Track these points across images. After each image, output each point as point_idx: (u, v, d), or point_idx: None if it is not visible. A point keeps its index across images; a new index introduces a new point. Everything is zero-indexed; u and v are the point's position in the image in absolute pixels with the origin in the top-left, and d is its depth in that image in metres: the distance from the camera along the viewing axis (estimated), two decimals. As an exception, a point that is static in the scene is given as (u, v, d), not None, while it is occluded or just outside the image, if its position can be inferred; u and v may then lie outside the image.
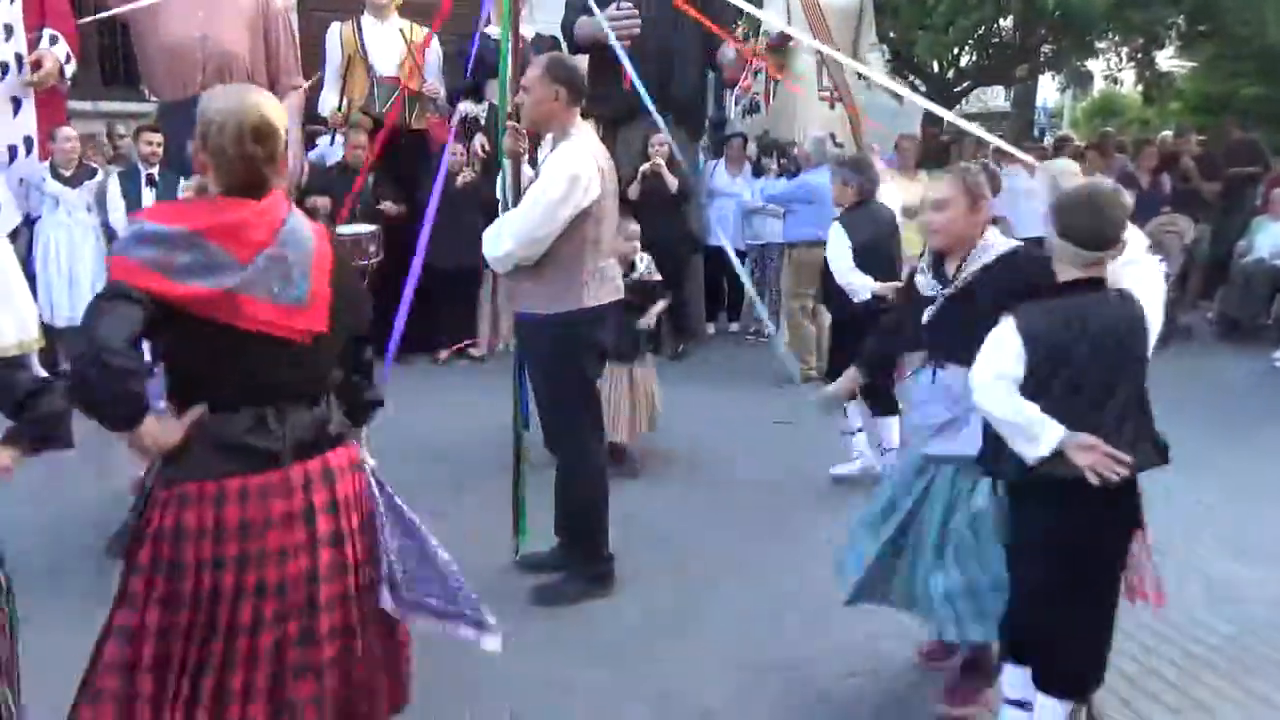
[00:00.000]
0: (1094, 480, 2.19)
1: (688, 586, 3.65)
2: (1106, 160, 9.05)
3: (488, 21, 6.87)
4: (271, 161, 1.95)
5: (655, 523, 4.18)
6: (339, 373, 2.09)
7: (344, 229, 6.28)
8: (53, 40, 6.40)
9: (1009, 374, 2.28)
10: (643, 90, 3.82)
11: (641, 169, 7.04)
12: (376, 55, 7.03)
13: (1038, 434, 2.23)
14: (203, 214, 1.88)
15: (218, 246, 1.82)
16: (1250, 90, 12.70)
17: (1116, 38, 10.67)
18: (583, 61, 7.22)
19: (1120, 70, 12.65)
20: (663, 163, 6.99)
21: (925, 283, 2.87)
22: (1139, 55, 11.33)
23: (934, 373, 2.81)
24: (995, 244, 2.75)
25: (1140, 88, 12.69)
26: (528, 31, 7.36)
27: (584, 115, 3.47)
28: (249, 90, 2.03)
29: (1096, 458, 2.19)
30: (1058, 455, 2.22)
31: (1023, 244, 2.85)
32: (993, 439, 2.37)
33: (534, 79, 3.31)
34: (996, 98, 19.98)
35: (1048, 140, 12.26)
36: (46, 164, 6.36)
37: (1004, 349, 2.30)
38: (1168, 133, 10.76)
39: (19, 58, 6.33)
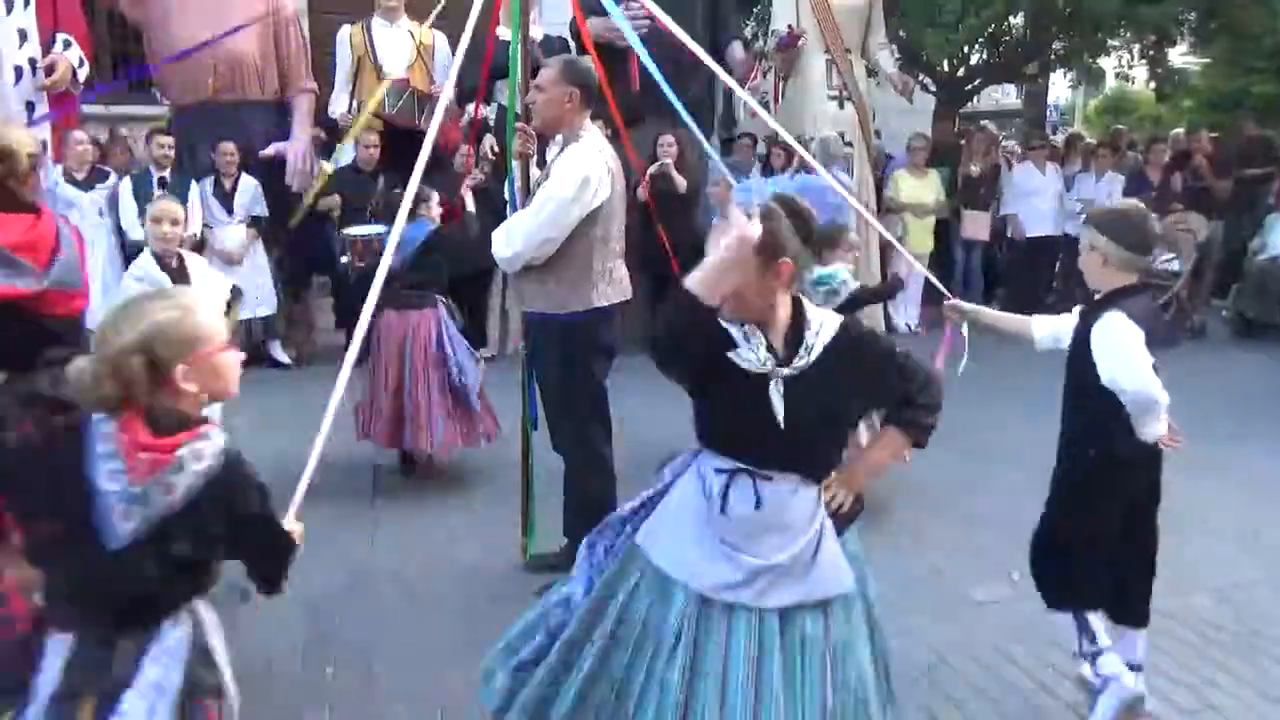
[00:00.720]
0: (1172, 446, 2.68)
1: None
2: (1118, 158, 9.01)
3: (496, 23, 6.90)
4: (13, 176, 2.39)
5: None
6: None
7: (355, 230, 6.30)
8: (66, 44, 6.46)
9: (1148, 358, 2.52)
10: (662, 81, 3.78)
11: (649, 170, 7.04)
12: (386, 57, 7.05)
13: (1161, 413, 2.59)
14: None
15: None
16: (1263, 87, 12.62)
17: (1128, 34, 10.61)
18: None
19: (1132, 67, 12.57)
20: (670, 164, 6.99)
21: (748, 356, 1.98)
22: (1151, 52, 11.26)
23: (755, 488, 1.98)
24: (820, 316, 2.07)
25: (1152, 85, 12.62)
26: (536, 33, 7.37)
27: (594, 118, 3.48)
28: None
29: (1167, 433, 2.65)
30: None
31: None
32: (1107, 417, 2.57)
33: (549, 80, 3.32)
34: (1008, 96, 19.92)
35: (1059, 137, 12.23)
36: (59, 167, 6.41)
37: (1134, 337, 2.51)
38: (1180, 130, 10.70)
39: (33, 62, 6.39)
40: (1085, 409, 2.64)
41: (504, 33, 7.24)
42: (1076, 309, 2.76)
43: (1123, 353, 2.52)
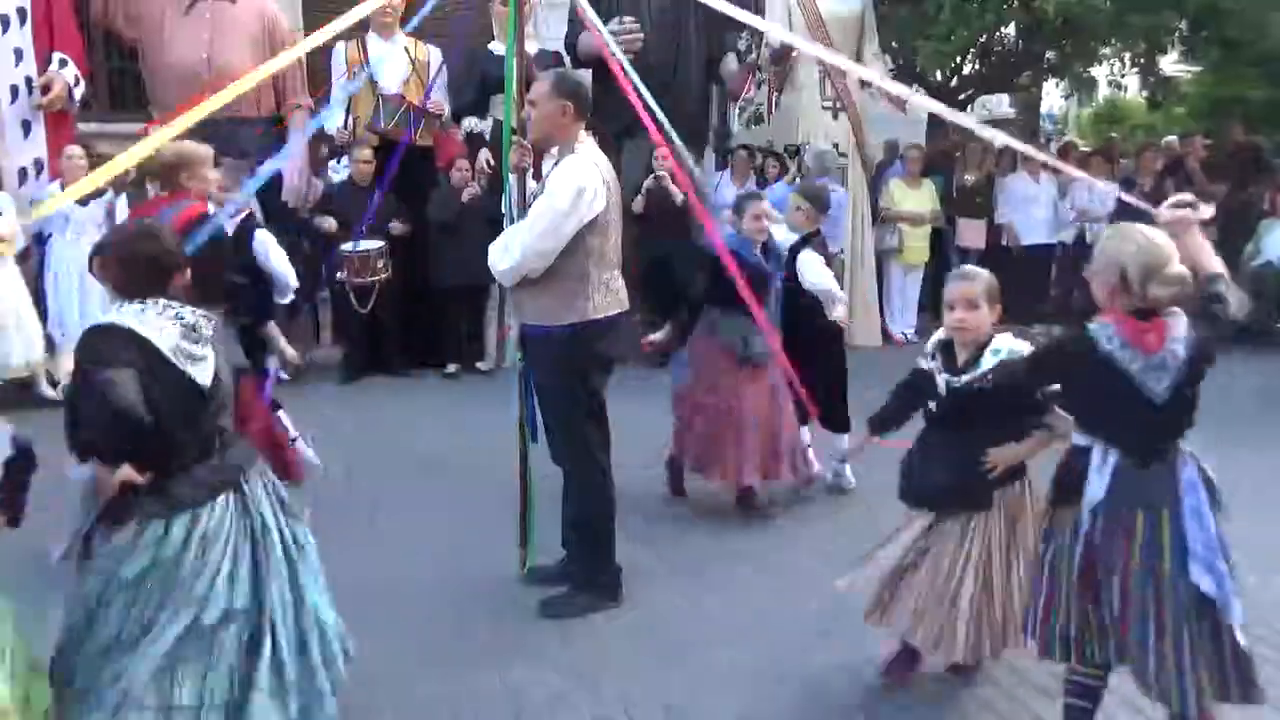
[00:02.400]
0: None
1: (697, 598, 3.65)
2: (1111, 166, 9.05)
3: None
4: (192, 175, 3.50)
5: (663, 533, 4.18)
6: None
7: (351, 245, 6.33)
8: (62, 63, 6.49)
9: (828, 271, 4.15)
10: (650, 99, 3.83)
11: (646, 183, 7.06)
12: (382, 73, 7.08)
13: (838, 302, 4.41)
14: None
15: None
16: (1255, 94, 12.68)
17: (1119, 44, 10.67)
18: (586, 75, 7.26)
19: (1124, 76, 12.64)
20: (667, 175, 7.02)
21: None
22: (1142, 61, 11.32)
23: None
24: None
25: (1144, 93, 12.68)
26: (531, 47, 7.41)
27: (587, 129, 3.50)
28: None
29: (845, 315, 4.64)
30: None
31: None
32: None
33: (541, 93, 3.34)
34: (1001, 105, 20.00)
35: (1053, 147, 12.28)
36: (56, 184, 6.43)
37: (819, 260, 4.52)
38: (1173, 137, 10.75)
39: (29, 81, 6.42)
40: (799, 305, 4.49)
41: (498, 47, 7.30)
42: None
43: (817, 269, 4.45)
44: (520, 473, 3.77)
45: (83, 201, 6.37)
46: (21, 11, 6.37)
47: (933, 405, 2.89)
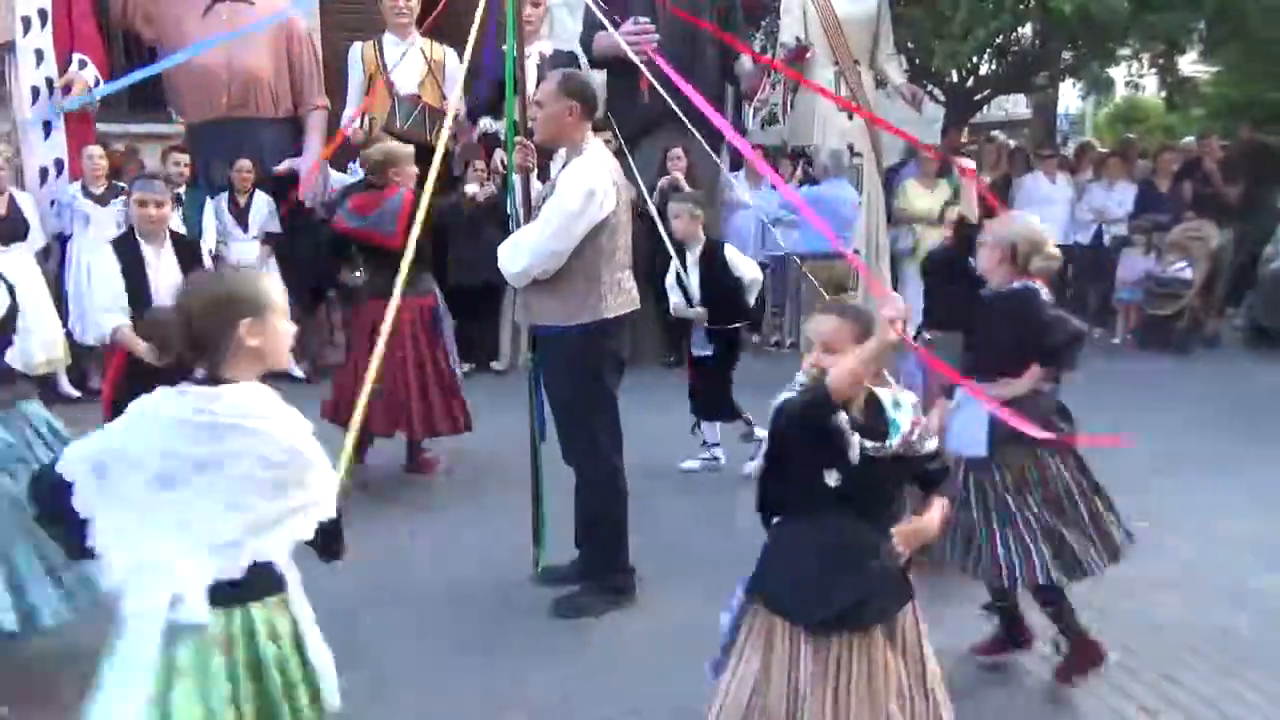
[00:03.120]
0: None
1: (706, 598, 3.64)
2: (1128, 167, 8.99)
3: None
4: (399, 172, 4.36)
5: (673, 533, 4.18)
6: None
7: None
8: (81, 64, 6.55)
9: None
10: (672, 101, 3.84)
11: (660, 183, 7.06)
12: (397, 73, 7.12)
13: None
14: None
15: None
16: (1275, 94, 12.56)
17: (1137, 44, 10.59)
18: (601, 76, 7.27)
19: (1142, 76, 12.53)
20: (680, 176, 7.02)
21: None
22: (1160, 61, 11.23)
23: None
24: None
25: (1163, 93, 12.58)
26: (545, 47, 7.42)
27: (600, 129, 3.50)
28: None
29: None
30: None
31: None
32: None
33: (548, 94, 3.35)
34: (1018, 105, 19.86)
35: (1070, 148, 12.20)
36: (77, 183, 6.49)
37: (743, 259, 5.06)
38: (1190, 138, 10.66)
39: (49, 82, 6.49)
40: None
41: (513, 48, 7.31)
42: None
43: (744, 259, 4.88)
44: (532, 472, 3.78)
45: (103, 200, 6.44)
46: (43, 13, 6.44)
47: (833, 479, 2.09)
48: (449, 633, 3.38)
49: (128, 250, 3.85)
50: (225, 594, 1.75)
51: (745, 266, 5.07)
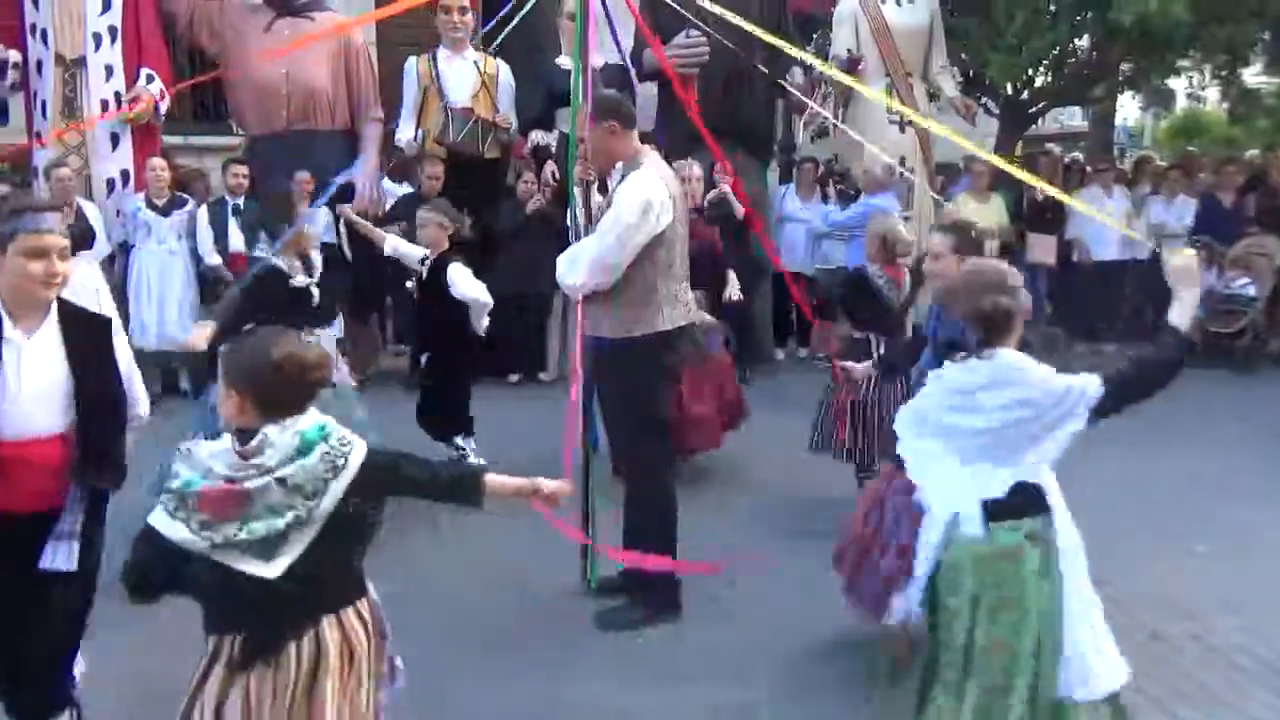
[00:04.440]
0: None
1: (740, 607, 3.62)
2: (1189, 181, 8.79)
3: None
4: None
5: (715, 543, 4.17)
6: None
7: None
8: (149, 79, 6.76)
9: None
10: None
11: (709, 196, 7.07)
12: (451, 87, 7.23)
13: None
14: None
15: None
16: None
17: (1199, 55, 10.37)
18: (651, 89, 7.31)
19: (1204, 88, 12.28)
20: (728, 189, 7.01)
21: None
22: (1223, 73, 10.98)
23: None
24: None
25: (1225, 106, 12.30)
26: (596, 60, 7.47)
27: (646, 140, 3.53)
28: None
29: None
30: None
31: None
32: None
33: (586, 124, 3.43)
34: (1074, 117, 19.55)
35: (1128, 160, 11.96)
36: (141, 194, 6.68)
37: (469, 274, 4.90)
38: (1254, 151, 10.39)
39: (118, 95, 6.71)
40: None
41: (565, 62, 7.38)
42: None
43: (468, 280, 4.78)
44: (583, 482, 3.80)
45: (164, 211, 6.62)
46: (113, 30, 6.66)
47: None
48: (492, 641, 3.40)
49: None
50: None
51: (469, 288, 4.81)
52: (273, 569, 1.83)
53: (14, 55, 6.49)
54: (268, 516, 1.83)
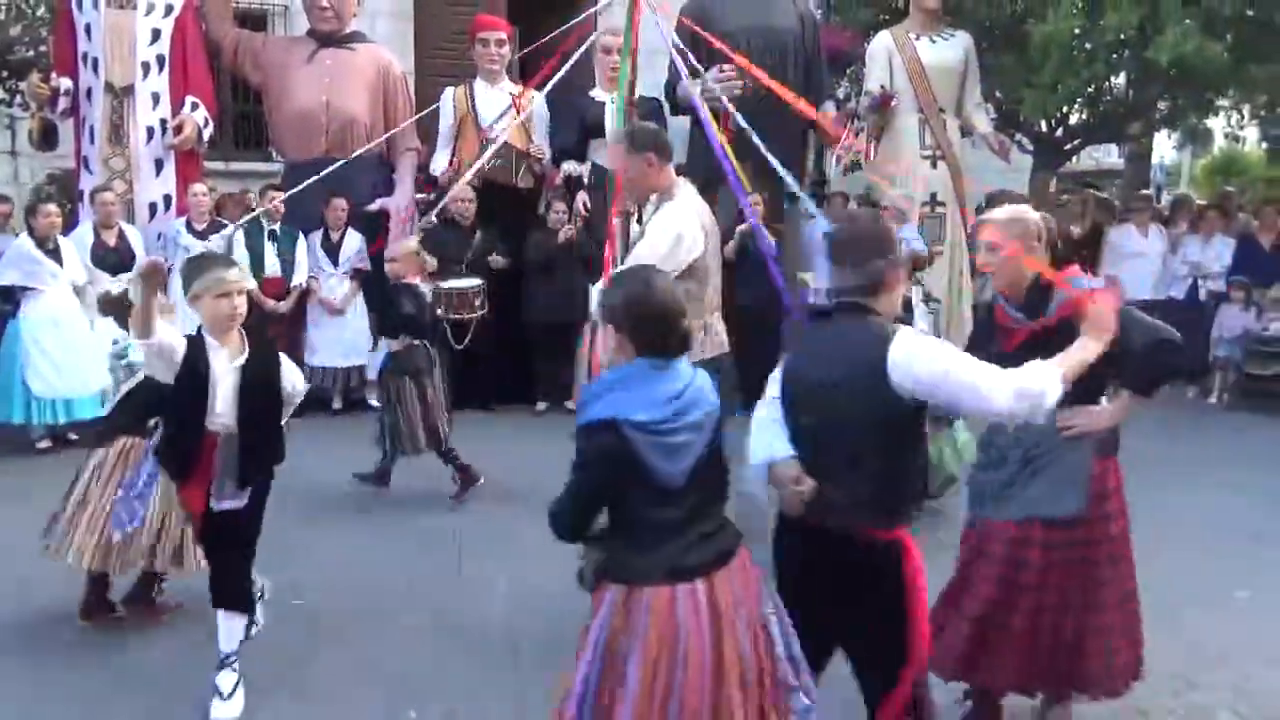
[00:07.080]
0: None
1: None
2: (1227, 221, 8.68)
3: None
4: None
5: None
6: None
7: (450, 283, 6.51)
8: (194, 106, 6.93)
9: None
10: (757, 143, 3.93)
11: (739, 229, 7.09)
12: (487, 117, 7.32)
13: None
14: None
15: None
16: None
17: (1237, 95, 10.28)
18: (684, 122, 7.37)
19: (1242, 128, 12.15)
20: (760, 223, 7.02)
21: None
22: (1262, 112, 10.88)
23: None
24: None
25: (1264, 145, 12.17)
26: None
27: (681, 173, 3.56)
28: None
29: None
30: None
31: None
32: None
33: (620, 157, 3.44)
34: (1109, 155, 19.42)
35: (1164, 200, 11.84)
36: (183, 219, 6.81)
37: None
38: (1295, 192, 10.25)
39: (164, 122, 6.87)
40: None
41: (599, 93, 7.46)
42: None
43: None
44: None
45: (202, 235, 6.75)
46: (160, 59, 6.85)
47: None
48: (511, 672, 3.38)
49: None
50: None
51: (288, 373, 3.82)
52: None
53: (65, 83, 6.68)
54: None
